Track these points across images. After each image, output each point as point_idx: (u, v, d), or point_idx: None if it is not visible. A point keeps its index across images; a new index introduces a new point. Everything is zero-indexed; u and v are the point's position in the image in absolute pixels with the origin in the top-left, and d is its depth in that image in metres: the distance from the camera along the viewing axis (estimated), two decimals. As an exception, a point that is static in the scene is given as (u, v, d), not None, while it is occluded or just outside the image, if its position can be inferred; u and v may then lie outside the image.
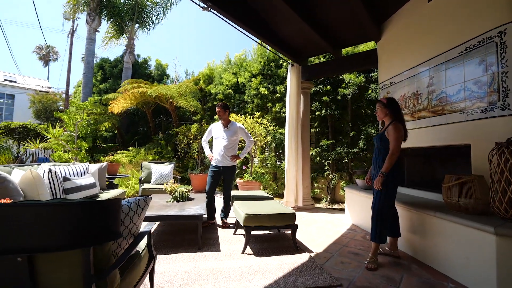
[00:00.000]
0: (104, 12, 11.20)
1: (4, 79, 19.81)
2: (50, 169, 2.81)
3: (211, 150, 3.73)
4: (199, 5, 3.26)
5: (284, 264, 2.42)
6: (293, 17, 3.66)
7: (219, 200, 3.98)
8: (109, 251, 1.12)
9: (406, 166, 3.67)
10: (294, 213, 2.81)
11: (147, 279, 1.90)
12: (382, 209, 2.45)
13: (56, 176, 2.86)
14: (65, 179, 3.04)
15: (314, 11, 3.89)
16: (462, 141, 2.65)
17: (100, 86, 11.52)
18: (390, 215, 2.55)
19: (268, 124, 6.29)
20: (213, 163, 3.58)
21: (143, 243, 1.74)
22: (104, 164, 4.08)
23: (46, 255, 0.95)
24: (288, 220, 2.76)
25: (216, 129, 3.67)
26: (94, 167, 3.82)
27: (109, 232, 1.05)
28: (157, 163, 5.37)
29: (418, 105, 3.28)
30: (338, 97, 5.53)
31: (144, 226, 1.73)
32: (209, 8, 3.30)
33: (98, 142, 9.69)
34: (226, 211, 3.68)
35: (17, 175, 2.61)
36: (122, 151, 7.64)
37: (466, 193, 2.29)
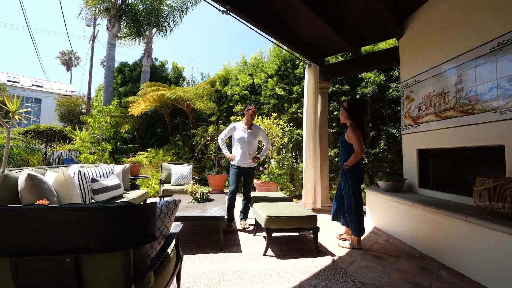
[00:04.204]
0: (123, 18, 11.60)
1: (32, 84, 20.99)
2: (80, 171, 2.95)
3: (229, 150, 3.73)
4: (218, 9, 3.30)
5: (306, 267, 2.40)
6: (312, 16, 3.61)
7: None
8: (146, 253, 1.16)
9: (431, 167, 3.54)
10: (316, 215, 2.78)
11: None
12: (357, 204, 2.82)
13: (85, 177, 2.99)
14: (93, 180, 3.17)
15: (333, 9, 3.82)
16: (495, 142, 2.51)
17: (120, 89, 11.93)
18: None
19: (285, 125, 6.26)
20: (234, 163, 3.55)
21: (171, 244, 1.78)
22: (127, 165, 4.22)
23: (91, 256, 1.00)
24: (309, 223, 2.74)
25: (239, 130, 3.59)
26: (118, 168, 3.96)
27: (146, 234, 1.09)
28: (176, 164, 5.49)
29: (445, 104, 3.15)
30: (357, 96, 5.41)
31: (172, 227, 1.78)
32: (228, 12, 3.33)
33: (118, 143, 10.06)
34: (245, 212, 3.70)
35: (50, 177, 2.75)
36: (142, 152, 7.88)
37: (500, 197, 2.17)
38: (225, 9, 3.29)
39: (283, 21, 4.26)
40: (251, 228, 3.57)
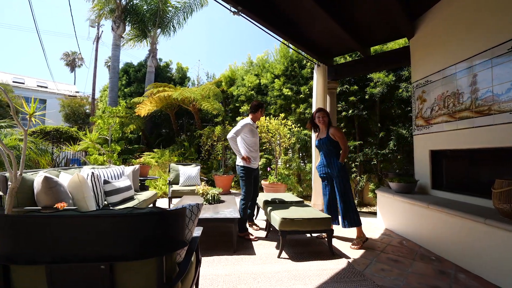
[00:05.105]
0: (128, 19, 11.63)
1: (37, 85, 21.14)
2: (93, 173, 2.95)
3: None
4: (229, 10, 3.29)
5: (322, 269, 2.39)
6: (322, 15, 3.57)
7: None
8: (175, 259, 1.15)
9: (444, 168, 3.50)
10: (330, 217, 2.76)
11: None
12: (351, 196, 3.04)
13: (98, 179, 3.00)
14: (105, 182, 3.17)
15: (344, 8, 3.79)
16: (513, 143, 2.48)
17: (125, 90, 11.97)
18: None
19: (293, 126, 6.24)
20: (248, 165, 3.27)
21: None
22: (137, 166, 4.23)
23: (125, 263, 0.99)
24: (324, 225, 2.72)
25: (252, 128, 3.33)
26: (128, 169, 3.97)
27: (177, 240, 1.08)
28: (184, 165, 5.49)
29: (459, 104, 3.12)
30: (366, 96, 5.38)
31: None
32: (239, 12, 3.32)
33: (123, 144, 10.09)
34: (253, 213, 3.69)
35: (63, 178, 2.76)
36: (148, 153, 7.90)
37: (520, 199, 2.14)
38: (236, 10, 3.28)
39: (293, 20, 4.23)
40: (260, 230, 3.56)
